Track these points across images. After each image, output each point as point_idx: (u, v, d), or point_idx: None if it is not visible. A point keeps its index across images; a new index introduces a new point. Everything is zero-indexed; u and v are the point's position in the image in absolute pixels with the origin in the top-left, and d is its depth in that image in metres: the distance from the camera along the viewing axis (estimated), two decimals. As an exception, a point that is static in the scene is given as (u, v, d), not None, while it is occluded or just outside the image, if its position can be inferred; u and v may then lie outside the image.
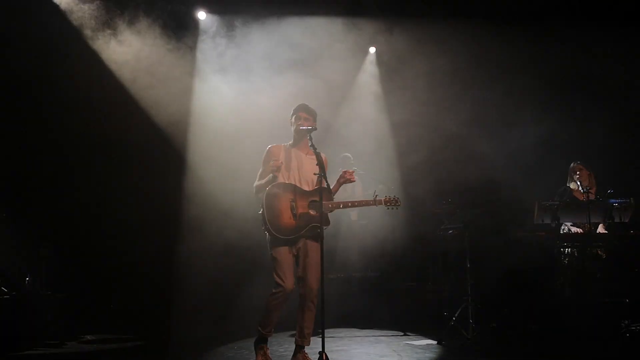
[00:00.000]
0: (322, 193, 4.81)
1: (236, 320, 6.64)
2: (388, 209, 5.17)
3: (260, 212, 4.95)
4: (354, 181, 5.18)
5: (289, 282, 4.88)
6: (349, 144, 7.72)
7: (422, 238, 7.69)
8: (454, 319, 6.14)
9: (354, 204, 5.23)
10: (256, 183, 5.05)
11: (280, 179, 5.01)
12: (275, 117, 5.28)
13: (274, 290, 4.89)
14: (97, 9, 6.95)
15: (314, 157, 4.85)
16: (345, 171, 5.14)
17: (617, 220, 6.19)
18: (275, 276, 4.90)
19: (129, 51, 7.14)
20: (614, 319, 5.82)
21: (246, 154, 5.18)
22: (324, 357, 4.62)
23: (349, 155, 7.38)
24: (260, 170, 5.08)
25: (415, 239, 7.72)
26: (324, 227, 4.83)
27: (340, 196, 5.21)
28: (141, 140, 7.36)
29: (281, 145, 5.14)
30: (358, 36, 7.96)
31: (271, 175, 4.95)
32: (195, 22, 7.69)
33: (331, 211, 5.00)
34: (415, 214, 7.76)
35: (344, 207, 5.12)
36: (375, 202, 5.09)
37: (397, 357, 5.47)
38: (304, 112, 5.10)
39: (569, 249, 6.30)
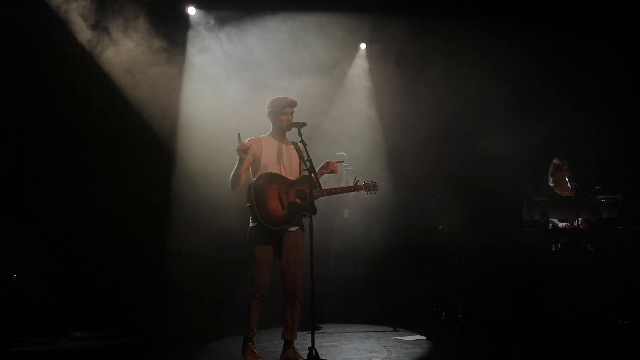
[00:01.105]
0: (308, 181, 4.87)
1: (226, 316, 6.64)
2: (367, 193, 5.29)
3: (248, 204, 4.95)
4: (336, 172, 5.26)
5: (264, 279, 4.92)
6: (338, 140, 7.72)
7: (412, 234, 7.71)
8: (443, 314, 6.18)
9: (336, 191, 5.27)
10: (230, 175, 5.01)
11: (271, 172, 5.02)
12: (264, 114, 5.28)
13: (251, 290, 4.93)
14: (85, 5, 6.90)
15: (292, 146, 4.97)
16: (328, 161, 5.17)
17: (604, 216, 6.25)
18: (252, 273, 4.93)
19: (117, 47, 7.09)
20: (603, 314, 5.87)
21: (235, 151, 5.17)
22: (314, 353, 4.65)
23: (343, 153, 7.41)
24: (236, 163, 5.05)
25: (406, 235, 7.74)
26: (311, 215, 4.86)
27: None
28: (130, 137, 7.31)
29: (260, 138, 5.13)
30: (349, 32, 7.96)
31: (238, 161, 4.93)
32: (185, 18, 7.65)
33: (316, 198, 5.02)
34: (406, 210, 7.78)
35: (328, 194, 5.14)
36: (356, 188, 5.22)
37: (387, 352, 5.50)
38: (291, 107, 5.13)
39: (558, 245, 6.35)
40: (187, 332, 6.57)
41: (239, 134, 4.94)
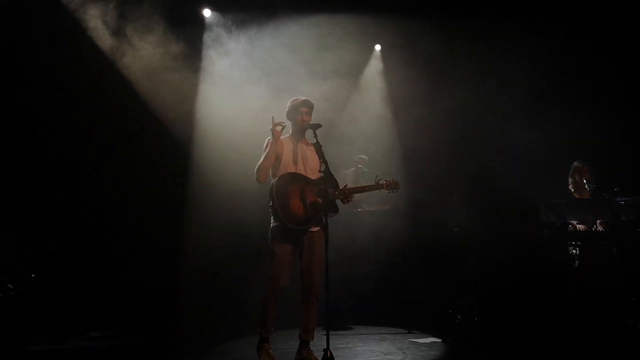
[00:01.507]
0: (329, 181, 4.88)
1: (241, 317, 6.64)
2: (389, 192, 5.28)
3: (270, 203, 4.96)
4: (350, 201, 5.18)
5: (284, 279, 4.90)
6: (353, 141, 7.70)
7: (428, 235, 7.66)
8: (459, 316, 6.13)
9: (358, 190, 5.24)
10: (257, 165, 5.00)
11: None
12: (281, 115, 5.29)
13: (267, 287, 4.91)
14: (102, 7, 6.94)
15: (313, 148, 4.94)
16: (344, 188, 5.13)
17: (623, 218, 6.18)
18: (270, 271, 4.91)
19: (133, 50, 7.13)
20: (620, 318, 5.80)
21: (251, 153, 5.18)
22: (329, 354, 4.62)
23: (365, 157, 7.39)
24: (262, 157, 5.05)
25: (421, 235, 7.70)
26: (333, 215, 4.89)
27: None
28: (145, 139, 7.36)
29: (282, 138, 5.12)
30: (364, 33, 7.94)
31: (270, 143, 4.94)
32: (200, 20, 7.68)
33: (339, 197, 5.04)
34: (422, 211, 7.74)
35: (350, 194, 5.12)
36: (377, 187, 5.22)
37: (402, 354, 5.46)
38: (306, 107, 5.12)
39: (575, 248, 6.28)
40: (200, 333, 6.57)
41: (272, 117, 4.96)
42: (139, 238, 7.16)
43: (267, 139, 5.07)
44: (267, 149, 4.99)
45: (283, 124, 4.99)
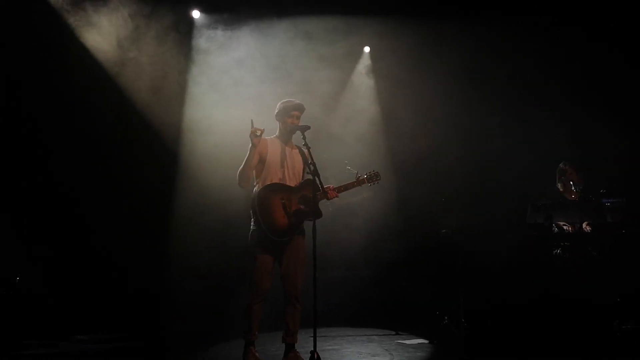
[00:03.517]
0: (310, 185, 4.90)
1: (230, 318, 6.64)
2: (371, 185, 5.29)
3: (252, 214, 4.96)
4: (335, 197, 5.14)
5: (266, 283, 4.91)
6: (342, 142, 7.71)
7: (415, 237, 7.69)
8: (446, 318, 6.15)
9: (340, 189, 5.19)
10: (239, 169, 4.99)
11: (273, 176, 5.02)
12: (269, 117, 5.30)
13: (250, 292, 4.91)
14: (89, 7, 6.94)
15: (296, 150, 4.95)
16: (330, 188, 5.10)
17: (609, 220, 6.22)
18: (252, 276, 4.92)
19: (121, 50, 7.12)
20: (606, 319, 5.83)
21: (240, 154, 5.18)
22: (316, 356, 4.63)
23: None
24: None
25: (409, 237, 7.73)
26: (317, 219, 4.85)
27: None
28: (134, 140, 7.35)
29: (266, 139, 5.12)
30: (353, 35, 7.96)
31: (249, 149, 4.91)
32: (190, 21, 7.67)
33: (320, 200, 5.00)
34: (409, 213, 7.76)
35: (336, 193, 5.12)
36: (359, 182, 5.24)
37: (389, 356, 5.48)
38: (297, 110, 5.12)
39: (561, 249, 6.31)
40: (189, 335, 6.57)
41: (252, 120, 4.94)
42: (127, 240, 7.14)
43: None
44: (247, 155, 4.96)
45: (261, 130, 4.94)
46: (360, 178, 5.25)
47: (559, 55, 7.75)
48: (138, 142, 7.36)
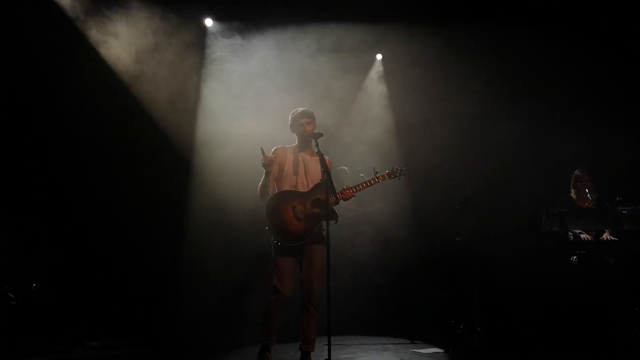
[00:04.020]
0: (323, 189, 4.84)
1: (241, 326, 6.62)
2: (394, 181, 5.21)
3: (267, 228, 4.98)
4: (352, 197, 5.10)
5: (287, 289, 4.92)
6: (354, 148, 7.70)
7: (430, 245, 7.65)
8: (461, 326, 6.10)
9: (359, 188, 5.11)
10: (258, 187, 5.09)
11: (287, 183, 5.05)
12: (281, 123, 5.31)
13: (272, 297, 4.93)
14: (100, 11, 6.99)
15: (317, 158, 4.92)
16: (346, 188, 5.08)
17: (625, 227, 6.15)
18: (274, 282, 4.93)
19: (134, 54, 7.17)
20: (623, 327, 5.77)
21: (253, 159, 5.19)
22: (331, 365, 4.59)
23: (344, 168, 7.39)
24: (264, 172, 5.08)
25: (423, 245, 7.69)
26: (334, 222, 4.86)
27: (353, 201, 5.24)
28: (145, 143, 7.39)
29: (287, 147, 5.17)
30: (365, 42, 7.96)
31: (264, 174, 4.98)
32: (202, 27, 7.71)
33: (337, 204, 5.00)
34: (423, 221, 7.73)
35: (353, 193, 5.08)
36: (379, 179, 5.15)
37: (404, 365, 5.44)
38: (305, 118, 5.13)
39: (577, 257, 6.25)
40: (198, 342, 6.56)
41: (262, 149, 4.97)
42: (139, 246, 7.16)
43: (272, 150, 5.10)
44: (263, 179, 5.01)
45: (272, 158, 4.98)
46: (378, 175, 5.16)
47: (571, 60, 7.69)
48: (149, 145, 7.39)
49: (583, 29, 7.52)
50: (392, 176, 5.23)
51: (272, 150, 5.11)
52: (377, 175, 5.20)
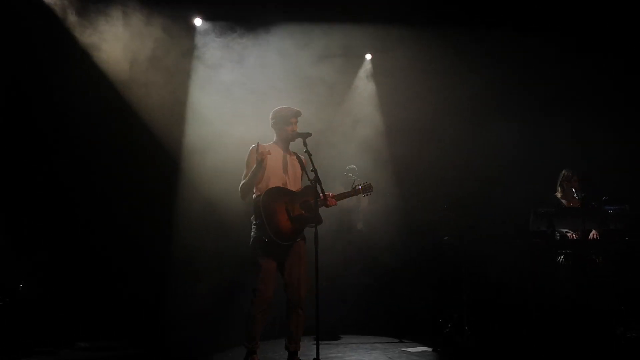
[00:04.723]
0: (311, 192, 4.89)
1: (230, 325, 6.62)
2: (364, 196, 5.40)
3: (254, 220, 4.94)
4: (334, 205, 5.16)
5: (269, 290, 4.89)
6: (343, 149, 7.71)
7: (418, 244, 7.67)
8: (449, 325, 6.13)
9: (338, 197, 5.20)
10: (241, 184, 5.02)
11: (276, 182, 5.02)
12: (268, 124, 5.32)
13: (253, 299, 4.87)
14: (90, 9, 6.97)
15: (294, 157, 5.00)
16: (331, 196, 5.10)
17: (611, 227, 6.20)
18: (256, 284, 4.89)
19: (123, 53, 7.15)
20: (610, 326, 5.81)
21: (242, 159, 5.19)
22: (319, 364, 4.61)
23: (354, 167, 7.41)
24: (245, 171, 5.05)
25: (411, 245, 7.71)
26: (318, 225, 4.81)
27: (347, 204, 5.29)
28: (135, 145, 7.37)
29: (266, 145, 5.11)
30: (355, 42, 7.97)
31: (255, 167, 4.91)
32: (191, 27, 7.70)
33: (321, 206, 4.97)
34: (412, 220, 7.75)
35: (333, 201, 5.12)
36: (355, 192, 5.32)
37: (392, 364, 5.46)
38: (295, 117, 5.15)
39: (564, 257, 6.30)
40: (189, 343, 6.55)
41: (258, 143, 4.94)
42: (127, 246, 7.14)
43: (252, 148, 5.05)
44: (253, 171, 4.95)
45: (269, 153, 4.98)
46: (356, 188, 5.33)
47: (559, 61, 7.75)
48: (138, 146, 7.38)
49: (574, 31, 7.56)
50: (364, 191, 5.35)
51: (251, 147, 5.04)
52: (355, 187, 5.32)
